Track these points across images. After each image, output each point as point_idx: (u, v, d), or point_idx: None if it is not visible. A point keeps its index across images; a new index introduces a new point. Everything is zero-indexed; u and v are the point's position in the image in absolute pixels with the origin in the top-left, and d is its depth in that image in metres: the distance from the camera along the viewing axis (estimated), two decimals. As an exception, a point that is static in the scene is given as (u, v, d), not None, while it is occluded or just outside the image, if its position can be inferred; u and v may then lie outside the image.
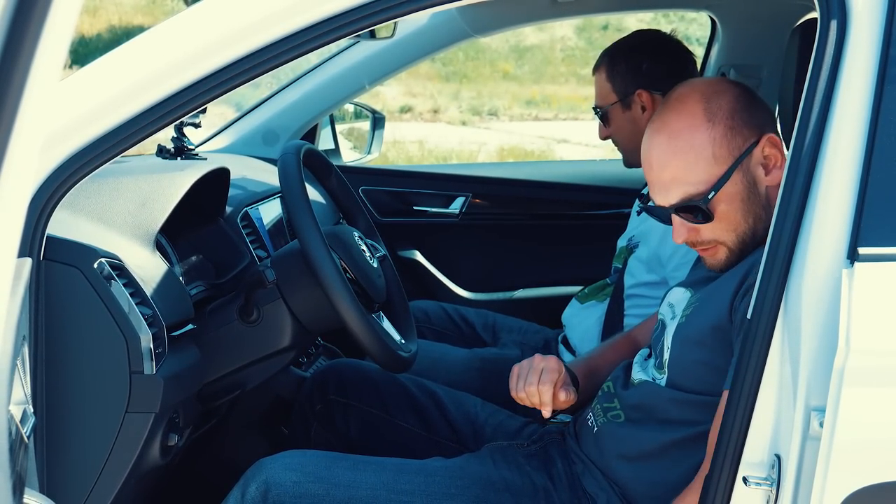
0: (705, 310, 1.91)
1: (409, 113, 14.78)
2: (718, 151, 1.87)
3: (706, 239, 1.92)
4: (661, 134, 1.91)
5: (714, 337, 1.86)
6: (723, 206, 1.88)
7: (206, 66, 1.79)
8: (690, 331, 1.92)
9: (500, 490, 2.00)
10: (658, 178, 1.91)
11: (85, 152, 1.79)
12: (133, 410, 1.87)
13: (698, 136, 1.87)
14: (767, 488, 1.68)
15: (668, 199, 1.90)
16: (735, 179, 1.87)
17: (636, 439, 1.97)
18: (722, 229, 1.90)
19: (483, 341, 3.06)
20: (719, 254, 1.93)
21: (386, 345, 2.12)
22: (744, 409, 1.69)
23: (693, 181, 1.87)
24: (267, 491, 1.95)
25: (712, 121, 1.87)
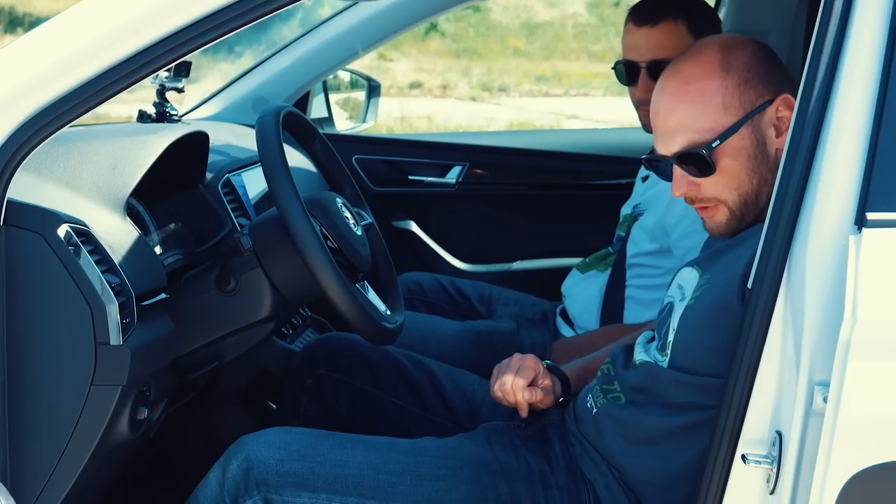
0: (712, 291, 1.82)
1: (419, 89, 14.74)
2: (729, 101, 1.79)
3: (707, 195, 1.83)
4: (673, 79, 1.84)
5: (720, 318, 1.76)
6: (727, 161, 1.79)
7: (172, 22, 1.70)
8: (698, 313, 1.83)
9: (495, 472, 1.91)
10: (663, 124, 1.84)
11: (42, 115, 1.72)
12: (99, 383, 1.78)
13: (710, 84, 1.80)
14: (767, 466, 1.59)
15: (671, 146, 1.82)
16: (743, 134, 1.78)
17: (638, 423, 1.88)
18: (724, 186, 1.81)
19: (478, 314, 2.98)
20: (718, 215, 1.84)
21: (368, 316, 2.02)
22: (743, 382, 1.60)
23: (698, 129, 1.79)
24: (249, 469, 1.87)
25: (727, 70, 1.80)
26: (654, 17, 2.60)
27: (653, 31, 2.60)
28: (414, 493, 1.87)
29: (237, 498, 1.87)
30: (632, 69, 2.64)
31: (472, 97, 14.42)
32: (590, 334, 2.63)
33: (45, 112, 1.71)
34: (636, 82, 2.63)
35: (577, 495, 1.90)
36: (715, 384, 1.73)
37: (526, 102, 14.08)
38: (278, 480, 1.86)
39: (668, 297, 1.97)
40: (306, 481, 1.86)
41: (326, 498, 1.86)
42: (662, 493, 1.84)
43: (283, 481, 1.86)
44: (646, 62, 2.60)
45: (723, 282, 1.79)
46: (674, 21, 2.59)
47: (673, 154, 1.82)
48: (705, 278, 1.86)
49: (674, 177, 1.84)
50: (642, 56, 2.61)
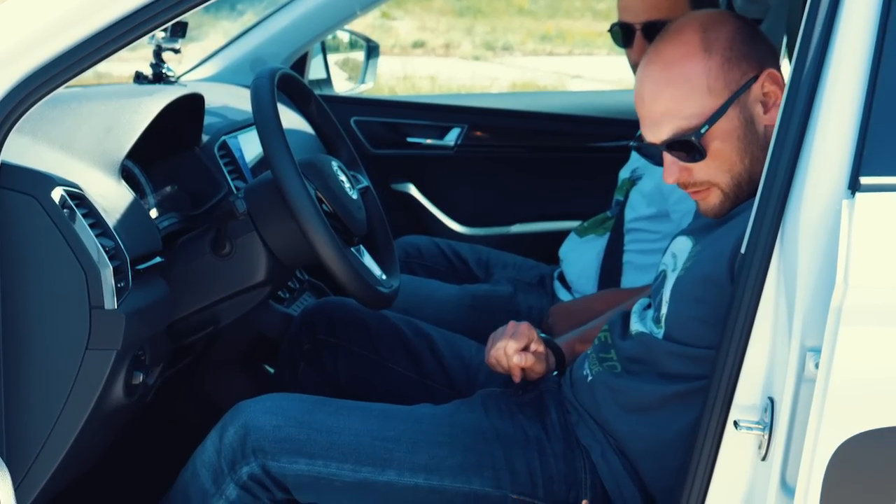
0: (702, 263, 1.82)
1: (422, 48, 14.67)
2: (714, 83, 1.76)
3: (699, 180, 1.81)
4: (655, 65, 1.80)
5: (710, 292, 1.76)
6: (717, 144, 1.77)
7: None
8: (687, 286, 1.82)
9: (491, 440, 1.91)
10: (649, 112, 1.81)
11: (36, 76, 1.70)
12: (94, 347, 1.78)
13: (693, 66, 1.76)
14: (759, 433, 1.58)
15: (660, 134, 1.79)
16: (731, 115, 1.76)
17: (633, 391, 1.88)
18: (716, 169, 1.79)
19: (476, 277, 2.98)
20: (712, 197, 1.82)
21: (363, 280, 2.02)
22: (735, 348, 1.59)
23: (686, 114, 1.76)
24: (246, 435, 1.87)
25: (709, 51, 1.76)
26: None
27: None
28: (410, 459, 1.88)
29: (234, 464, 1.87)
30: (627, 31, 2.61)
31: (476, 56, 14.34)
32: (587, 298, 2.62)
33: (39, 73, 1.69)
34: (632, 44, 2.61)
35: (573, 462, 1.90)
36: (709, 356, 1.72)
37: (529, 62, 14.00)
38: (275, 447, 1.86)
39: (663, 265, 1.97)
40: (303, 448, 1.86)
41: (323, 464, 1.86)
42: (657, 460, 1.85)
43: (280, 448, 1.86)
44: (641, 23, 2.58)
45: (713, 255, 1.78)
46: None
47: (662, 142, 1.79)
48: (696, 249, 1.86)
49: (664, 164, 1.81)
50: (637, 17, 2.58)
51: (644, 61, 1.83)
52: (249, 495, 1.88)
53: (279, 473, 1.87)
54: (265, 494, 1.88)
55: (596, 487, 1.89)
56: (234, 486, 1.88)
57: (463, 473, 1.88)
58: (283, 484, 1.87)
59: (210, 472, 1.90)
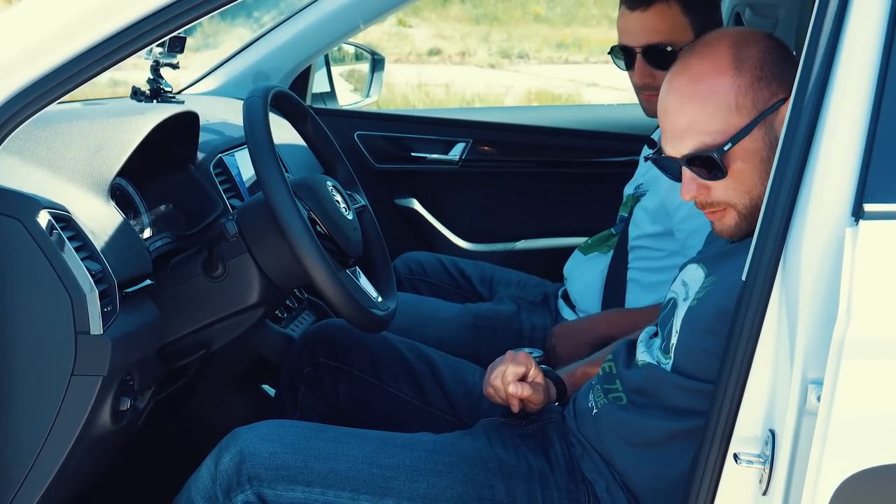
0: (717, 296, 1.76)
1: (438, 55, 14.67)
2: (742, 101, 1.70)
3: (717, 199, 1.76)
4: (682, 77, 1.75)
5: (722, 325, 1.69)
6: (739, 164, 1.71)
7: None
8: (700, 317, 1.77)
9: (492, 470, 1.87)
10: (672, 125, 1.75)
11: (23, 95, 1.68)
12: (79, 373, 1.75)
13: (722, 82, 1.71)
14: (760, 466, 1.53)
15: (681, 148, 1.74)
16: (756, 135, 1.70)
17: (639, 425, 1.83)
18: (735, 189, 1.73)
19: (480, 295, 2.93)
20: (727, 218, 1.77)
21: (357, 303, 1.98)
22: (736, 379, 1.54)
23: (710, 130, 1.71)
24: (242, 462, 1.83)
25: (739, 68, 1.71)
26: (646, 1, 2.51)
27: (646, 14, 2.51)
28: (409, 488, 1.83)
29: (229, 492, 1.83)
30: (628, 54, 2.57)
31: (491, 64, 14.34)
32: (590, 319, 2.58)
33: (26, 91, 1.67)
34: (633, 66, 2.56)
35: (577, 496, 1.86)
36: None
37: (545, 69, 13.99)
38: (271, 474, 1.82)
39: (672, 293, 1.91)
40: (300, 475, 1.82)
41: (320, 492, 1.82)
42: (662, 497, 1.80)
43: (276, 475, 1.82)
44: (641, 47, 2.52)
45: (726, 287, 1.72)
46: (666, 3, 2.50)
47: (682, 156, 1.74)
48: (710, 280, 1.81)
49: (683, 179, 1.76)
50: (637, 41, 2.53)
51: (671, 73, 1.78)
52: None
53: (275, 502, 1.82)
54: None
55: None
56: None
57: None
58: None
59: (205, 499, 1.85)
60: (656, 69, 2.52)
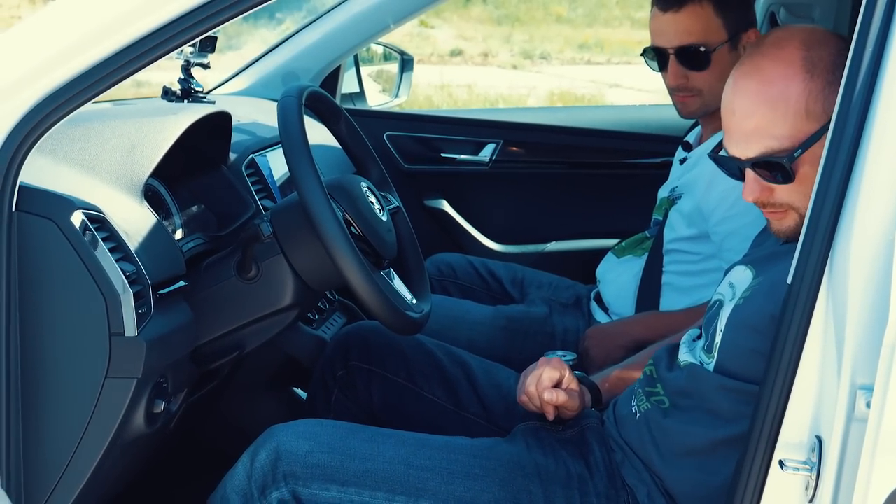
0: (765, 294, 1.73)
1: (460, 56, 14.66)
2: (813, 107, 1.66)
3: (779, 201, 1.72)
4: (752, 79, 1.70)
5: (768, 324, 1.66)
6: (806, 168, 1.67)
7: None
8: (746, 315, 1.74)
9: (530, 474, 1.84)
10: (739, 127, 1.71)
11: (57, 95, 1.67)
12: (113, 375, 1.74)
13: (794, 87, 1.67)
14: (806, 473, 1.50)
15: (747, 151, 1.70)
16: (825, 140, 1.67)
17: (682, 433, 1.80)
18: (799, 193, 1.69)
19: (511, 297, 2.91)
20: (788, 220, 1.74)
21: (392, 305, 1.95)
22: (781, 385, 1.51)
23: (779, 135, 1.67)
24: (278, 459, 1.82)
25: (811, 72, 1.67)
26: (678, 2, 2.48)
27: (678, 15, 2.48)
28: (445, 490, 1.81)
29: (265, 489, 1.82)
30: (661, 55, 2.54)
31: (514, 65, 14.33)
32: (624, 322, 2.55)
33: (60, 91, 1.66)
34: (666, 68, 2.54)
35: (617, 503, 1.83)
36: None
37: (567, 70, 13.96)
38: (307, 472, 1.81)
39: (718, 295, 1.88)
40: (335, 474, 1.81)
41: (355, 492, 1.81)
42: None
43: (311, 473, 1.81)
44: (674, 48, 2.50)
45: (775, 287, 1.69)
46: (699, 4, 2.46)
47: (748, 159, 1.70)
48: (758, 280, 1.78)
49: (746, 180, 1.73)
50: (670, 42, 2.50)
51: (739, 73, 1.73)
52: None
53: (310, 500, 1.81)
54: None
55: None
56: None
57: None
58: None
59: (240, 496, 1.84)
60: (690, 70, 2.50)
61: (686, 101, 2.55)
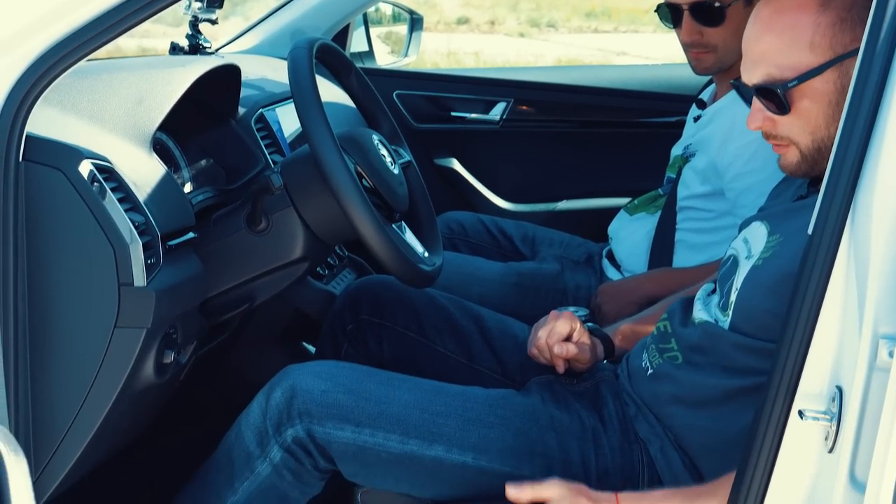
0: (784, 254, 1.72)
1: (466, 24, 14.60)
2: (819, 40, 1.65)
3: (780, 134, 1.72)
4: (767, 7, 1.71)
5: (786, 286, 1.64)
6: (806, 103, 1.67)
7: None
8: (764, 277, 1.72)
9: (545, 426, 1.83)
10: (749, 53, 1.73)
11: (63, 44, 1.63)
12: (123, 326, 1.71)
13: (803, 18, 1.66)
14: (826, 423, 1.48)
15: (752, 77, 1.71)
16: (828, 77, 1.65)
17: (695, 384, 1.79)
18: (799, 128, 1.70)
19: (522, 255, 2.90)
20: (789, 155, 1.73)
21: (405, 258, 1.93)
22: (802, 334, 1.49)
23: (780, 64, 1.67)
24: (293, 397, 1.81)
25: (825, 6, 1.65)
26: None
27: None
28: (459, 437, 1.81)
29: (279, 426, 1.82)
30: (675, 12, 2.51)
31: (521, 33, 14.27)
32: (637, 278, 2.53)
33: (67, 40, 1.63)
34: (680, 24, 2.51)
35: (630, 456, 1.82)
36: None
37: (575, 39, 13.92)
38: (322, 411, 1.80)
39: (732, 250, 1.86)
40: (350, 415, 1.80)
41: (370, 433, 1.80)
42: (719, 457, 1.75)
43: (326, 413, 1.80)
44: (688, 4, 2.47)
45: (794, 248, 1.68)
46: None
47: (752, 85, 1.71)
48: (776, 239, 1.75)
49: (752, 108, 1.73)
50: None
51: (759, 5, 1.74)
52: (293, 459, 1.82)
53: (324, 440, 1.80)
54: (308, 460, 1.82)
55: (653, 483, 1.80)
56: (279, 448, 1.82)
57: (513, 458, 1.80)
58: (327, 452, 1.81)
59: (255, 434, 1.85)
60: (704, 26, 2.47)
61: (700, 58, 2.52)
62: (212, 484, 1.90)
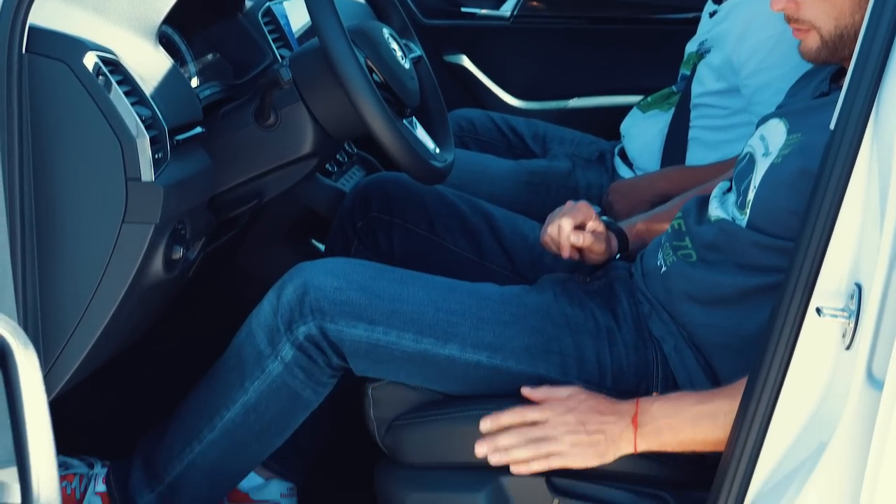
0: (804, 151, 1.68)
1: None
2: None
3: (803, 17, 1.69)
4: None
5: (806, 183, 1.61)
6: None
7: None
8: (784, 174, 1.69)
9: (560, 325, 1.81)
10: None
11: None
12: (131, 221, 1.69)
13: None
14: (844, 320, 1.46)
15: None
16: None
17: (710, 282, 1.77)
18: (823, 12, 1.67)
19: (532, 153, 2.87)
20: (810, 40, 1.70)
21: (416, 153, 1.90)
22: (821, 231, 1.46)
23: None
24: (305, 294, 1.79)
25: None
26: None
27: None
28: (473, 335, 1.79)
29: (291, 323, 1.80)
30: None
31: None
32: (650, 176, 2.51)
33: None
34: None
35: (644, 354, 1.81)
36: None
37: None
38: (334, 309, 1.78)
39: (749, 148, 1.83)
40: (363, 312, 1.78)
41: (383, 331, 1.78)
42: (733, 355, 1.74)
43: (339, 310, 1.78)
44: None
45: (815, 145, 1.64)
46: None
47: None
48: (795, 136, 1.72)
49: None
50: None
51: None
52: (305, 357, 1.80)
53: (336, 337, 1.78)
54: (321, 357, 1.81)
55: (667, 381, 1.79)
56: (290, 346, 1.80)
57: (528, 356, 1.78)
58: (339, 349, 1.80)
59: (266, 332, 1.82)
60: None
61: None
62: (222, 384, 1.88)
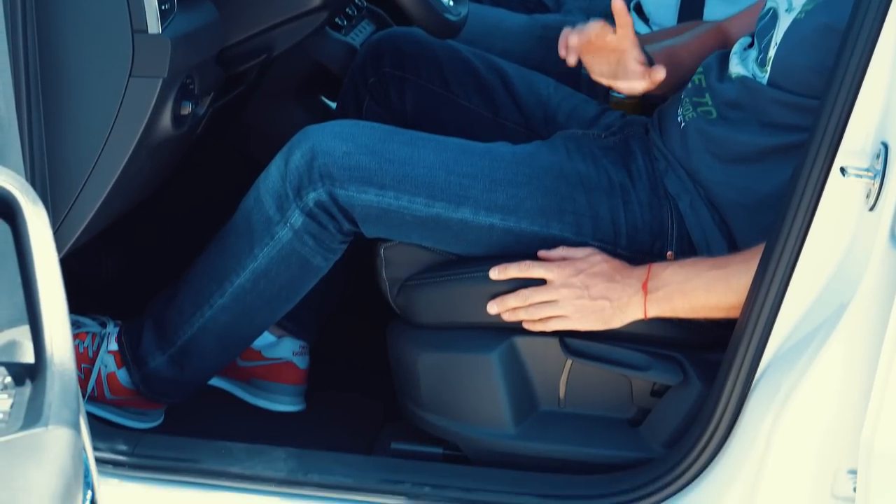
0: (829, 7, 1.63)
1: None
2: None
3: None
4: None
5: (829, 40, 1.57)
6: None
7: None
8: (808, 30, 1.64)
9: (573, 184, 1.78)
10: None
11: None
12: (138, 74, 1.65)
13: None
14: (869, 180, 1.43)
15: None
16: None
17: (730, 140, 1.73)
18: None
19: (546, 7, 2.81)
20: None
21: (430, 5, 1.85)
22: (848, 88, 1.43)
23: None
24: (313, 159, 1.76)
25: None
26: None
27: None
28: (486, 198, 1.76)
29: (300, 189, 1.77)
30: None
31: None
32: (667, 31, 2.44)
33: None
34: None
35: (659, 212, 1.78)
36: (817, 106, 1.55)
37: None
38: (344, 174, 1.75)
39: (771, 3, 1.77)
40: (374, 177, 1.75)
41: (394, 196, 1.76)
42: (750, 215, 1.72)
43: (349, 175, 1.75)
44: None
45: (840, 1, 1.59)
46: None
47: None
48: None
49: None
50: None
51: None
52: (315, 223, 1.78)
53: (347, 202, 1.76)
54: (332, 223, 1.78)
55: (682, 240, 1.77)
56: (300, 212, 1.78)
57: (542, 217, 1.76)
58: (350, 214, 1.77)
59: (274, 198, 1.80)
60: None
61: None
62: (231, 249, 1.86)
